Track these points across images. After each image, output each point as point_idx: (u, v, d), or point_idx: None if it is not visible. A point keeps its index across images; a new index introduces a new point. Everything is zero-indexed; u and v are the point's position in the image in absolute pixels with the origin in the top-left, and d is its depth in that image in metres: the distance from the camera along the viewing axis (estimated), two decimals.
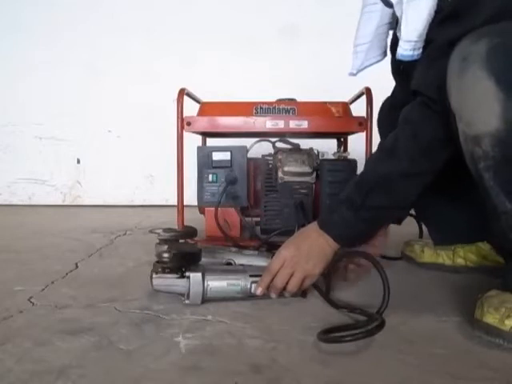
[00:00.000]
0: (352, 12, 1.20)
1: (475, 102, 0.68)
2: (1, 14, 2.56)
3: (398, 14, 0.87)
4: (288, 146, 1.45)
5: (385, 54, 0.99)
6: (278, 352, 0.68)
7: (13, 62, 2.56)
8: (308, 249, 0.86)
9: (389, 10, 0.92)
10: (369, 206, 0.84)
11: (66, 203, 2.62)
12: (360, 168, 1.42)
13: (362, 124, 1.35)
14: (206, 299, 0.87)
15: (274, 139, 1.47)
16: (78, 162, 2.63)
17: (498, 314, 0.70)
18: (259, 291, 0.86)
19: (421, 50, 0.84)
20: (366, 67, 0.99)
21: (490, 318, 0.70)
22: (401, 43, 0.85)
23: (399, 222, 1.15)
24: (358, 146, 1.24)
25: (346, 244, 0.90)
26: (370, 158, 0.92)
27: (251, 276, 0.89)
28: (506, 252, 0.84)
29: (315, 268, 0.86)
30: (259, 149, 1.44)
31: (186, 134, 1.39)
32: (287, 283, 0.86)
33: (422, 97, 0.83)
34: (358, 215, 0.85)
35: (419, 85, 0.84)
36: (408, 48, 0.84)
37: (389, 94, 1.22)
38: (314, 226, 0.89)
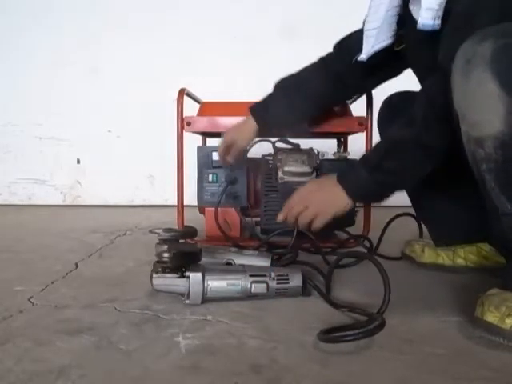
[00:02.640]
0: (352, 12, 1.21)
1: (479, 105, 0.68)
2: (1, 15, 2.56)
3: None
4: (288, 146, 1.45)
5: (394, 37, 0.99)
6: (278, 352, 0.68)
7: (13, 62, 2.57)
8: (326, 191, 0.95)
9: None
10: (383, 168, 0.89)
11: (66, 203, 2.62)
12: None
13: (362, 124, 1.35)
14: (205, 299, 0.87)
15: (274, 139, 1.47)
16: (78, 162, 2.63)
17: (498, 313, 0.70)
18: (279, 218, 0.99)
19: (440, 21, 0.83)
20: (376, 50, 0.99)
21: (491, 317, 0.70)
22: (421, 12, 0.83)
23: None
24: (357, 146, 1.24)
25: (358, 200, 0.97)
26: (390, 128, 0.96)
27: (251, 276, 0.89)
28: (507, 252, 0.84)
29: (328, 208, 0.93)
30: (259, 149, 1.44)
31: (186, 134, 1.39)
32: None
33: (443, 68, 0.81)
34: (372, 176, 0.90)
35: (443, 56, 0.82)
36: (429, 16, 0.82)
37: (389, 93, 1.22)
38: (333, 179, 0.95)
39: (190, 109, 1.45)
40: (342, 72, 1.18)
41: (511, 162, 0.67)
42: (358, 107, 1.42)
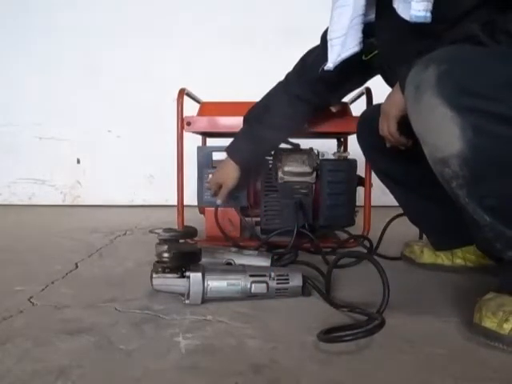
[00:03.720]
0: None
1: (435, 128, 0.70)
2: (0, 15, 2.56)
3: None
4: (288, 146, 1.45)
5: (361, 45, 0.98)
6: (278, 352, 0.68)
7: (13, 62, 2.57)
8: (389, 95, 0.93)
9: (361, 2, 0.93)
10: None
11: (66, 203, 2.63)
12: (360, 168, 1.42)
13: None
14: (205, 299, 0.87)
15: None
16: (78, 162, 2.63)
17: (496, 319, 0.70)
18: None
19: (430, 13, 0.81)
20: (343, 58, 0.98)
21: (489, 323, 0.70)
22: (413, 4, 0.82)
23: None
24: (357, 146, 1.24)
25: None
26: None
27: (251, 276, 0.89)
28: (495, 257, 0.84)
29: (391, 109, 0.91)
30: None
31: (186, 134, 1.39)
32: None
33: None
34: None
35: None
36: (422, 8, 0.81)
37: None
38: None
39: (190, 109, 1.46)
40: (302, 93, 1.21)
41: (479, 176, 0.69)
42: (358, 107, 1.42)
